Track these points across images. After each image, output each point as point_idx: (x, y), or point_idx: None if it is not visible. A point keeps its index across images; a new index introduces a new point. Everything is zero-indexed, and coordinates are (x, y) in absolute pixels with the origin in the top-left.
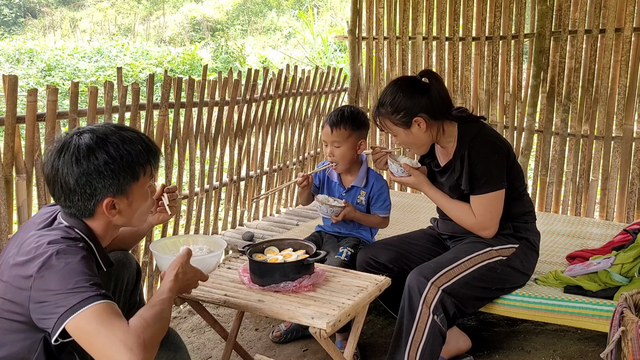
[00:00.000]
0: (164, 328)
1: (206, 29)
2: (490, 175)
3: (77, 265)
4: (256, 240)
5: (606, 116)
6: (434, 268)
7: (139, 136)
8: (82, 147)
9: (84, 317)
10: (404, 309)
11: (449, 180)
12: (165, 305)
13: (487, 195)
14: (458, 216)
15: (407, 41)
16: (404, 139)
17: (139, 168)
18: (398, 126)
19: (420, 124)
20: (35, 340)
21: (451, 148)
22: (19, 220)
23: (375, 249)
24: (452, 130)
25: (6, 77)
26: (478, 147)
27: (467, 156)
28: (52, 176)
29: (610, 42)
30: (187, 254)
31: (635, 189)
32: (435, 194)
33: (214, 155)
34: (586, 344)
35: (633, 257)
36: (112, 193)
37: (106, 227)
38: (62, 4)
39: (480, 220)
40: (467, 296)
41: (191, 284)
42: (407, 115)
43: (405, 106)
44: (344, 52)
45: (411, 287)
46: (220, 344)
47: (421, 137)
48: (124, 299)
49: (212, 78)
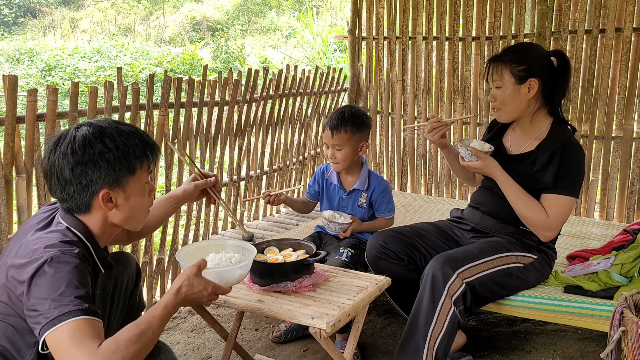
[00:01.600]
0: (142, 350)
1: (206, 29)
2: (576, 180)
3: (66, 274)
4: (256, 240)
5: (606, 116)
6: (460, 260)
7: (137, 130)
8: (78, 138)
9: (59, 332)
10: (423, 298)
11: (524, 170)
12: (154, 324)
13: (567, 198)
14: (527, 208)
15: (407, 41)
16: (505, 95)
17: (135, 160)
18: (512, 77)
19: (532, 87)
20: (29, 344)
21: (534, 138)
22: (19, 220)
23: (387, 236)
24: (544, 122)
25: (6, 77)
26: (574, 150)
27: (561, 154)
28: (48, 169)
29: (610, 42)
30: (199, 265)
31: (635, 189)
32: (506, 180)
33: (214, 155)
34: (586, 344)
35: (633, 257)
36: (108, 184)
37: (103, 224)
38: (62, 4)
39: (551, 219)
40: (480, 295)
41: (199, 298)
42: (527, 71)
43: (532, 62)
44: (344, 52)
45: (435, 276)
46: (220, 344)
47: (522, 101)
48: (124, 299)
49: (212, 78)
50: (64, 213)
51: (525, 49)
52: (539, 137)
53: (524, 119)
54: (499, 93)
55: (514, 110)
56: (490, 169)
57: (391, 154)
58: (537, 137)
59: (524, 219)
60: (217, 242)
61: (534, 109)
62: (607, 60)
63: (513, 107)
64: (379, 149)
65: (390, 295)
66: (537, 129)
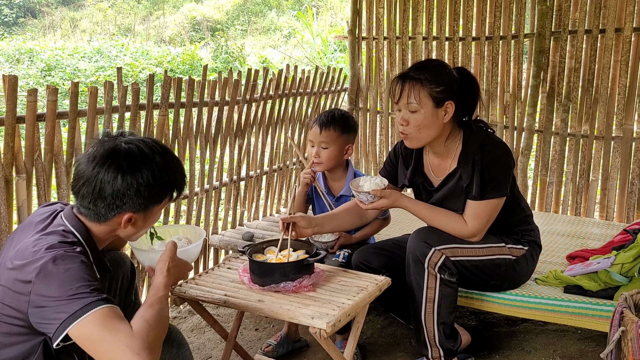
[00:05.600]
0: (165, 327)
1: (206, 29)
2: (498, 180)
3: (77, 271)
4: (256, 240)
5: (606, 116)
6: (438, 239)
7: (180, 164)
8: (130, 161)
9: (87, 323)
10: (410, 277)
11: (454, 190)
12: (164, 303)
13: (492, 201)
14: (446, 223)
15: (407, 41)
16: (421, 118)
17: (168, 193)
18: (429, 99)
19: (448, 110)
20: (35, 343)
21: (452, 156)
22: (19, 220)
23: (369, 254)
24: (456, 140)
25: (6, 77)
26: (492, 151)
27: (480, 160)
28: (88, 177)
29: (610, 42)
30: (174, 246)
31: (635, 189)
32: (416, 206)
33: (213, 155)
34: (586, 344)
35: (633, 257)
36: (136, 210)
37: (109, 234)
38: (62, 4)
39: (475, 225)
40: (467, 277)
41: (181, 276)
42: (444, 93)
43: (449, 83)
44: (344, 52)
45: (411, 250)
46: (220, 344)
47: (439, 125)
48: (119, 298)
49: (212, 78)
50: (70, 213)
51: (440, 68)
52: (456, 152)
53: (437, 143)
54: (414, 117)
55: (429, 136)
56: (398, 202)
57: None
58: (454, 155)
59: (448, 232)
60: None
61: (447, 133)
62: (607, 60)
63: (429, 132)
64: (379, 149)
65: (383, 307)
66: (451, 149)
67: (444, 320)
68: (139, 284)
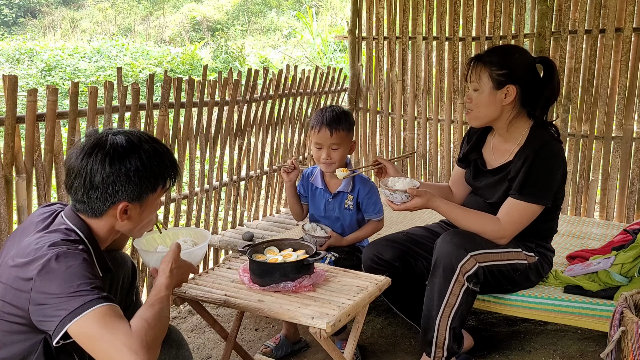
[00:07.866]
0: (165, 327)
1: (206, 29)
2: (542, 187)
3: (78, 268)
4: (256, 240)
5: (606, 116)
6: (472, 243)
7: (169, 151)
8: (118, 148)
9: (86, 320)
10: (435, 276)
11: (501, 183)
12: (164, 304)
13: (530, 206)
14: (480, 226)
15: (407, 41)
16: (479, 98)
17: (160, 181)
18: (490, 81)
19: (509, 94)
20: (35, 342)
21: (513, 147)
22: (19, 220)
23: (380, 246)
24: (523, 127)
25: (6, 77)
26: (547, 157)
27: (532, 159)
28: (77, 169)
29: (610, 42)
30: (178, 248)
31: (635, 189)
32: (448, 207)
33: (213, 155)
34: (586, 344)
35: (633, 257)
36: (129, 199)
37: (109, 230)
38: (62, 4)
39: (505, 225)
40: (486, 282)
41: (184, 278)
42: (506, 77)
43: (513, 67)
44: (344, 52)
45: (445, 255)
46: (220, 344)
47: (496, 107)
48: (120, 298)
49: (212, 78)
50: (70, 212)
51: (509, 53)
52: (519, 143)
53: (499, 125)
54: (475, 95)
55: (486, 116)
56: (430, 202)
57: (391, 154)
58: (518, 144)
59: (481, 234)
60: (171, 230)
61: (510, 117)
62: (607, 60)
63: (486, 112)
64: (379, 149)
65: (389, 300)
66: (515, 135)
67: (456, 325)
68: (139, 284)
